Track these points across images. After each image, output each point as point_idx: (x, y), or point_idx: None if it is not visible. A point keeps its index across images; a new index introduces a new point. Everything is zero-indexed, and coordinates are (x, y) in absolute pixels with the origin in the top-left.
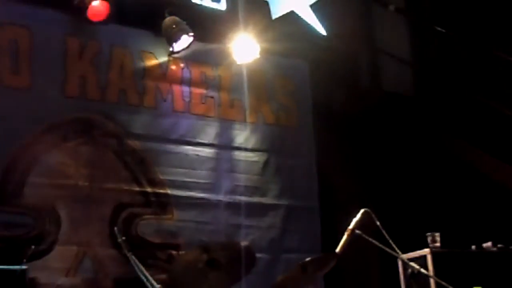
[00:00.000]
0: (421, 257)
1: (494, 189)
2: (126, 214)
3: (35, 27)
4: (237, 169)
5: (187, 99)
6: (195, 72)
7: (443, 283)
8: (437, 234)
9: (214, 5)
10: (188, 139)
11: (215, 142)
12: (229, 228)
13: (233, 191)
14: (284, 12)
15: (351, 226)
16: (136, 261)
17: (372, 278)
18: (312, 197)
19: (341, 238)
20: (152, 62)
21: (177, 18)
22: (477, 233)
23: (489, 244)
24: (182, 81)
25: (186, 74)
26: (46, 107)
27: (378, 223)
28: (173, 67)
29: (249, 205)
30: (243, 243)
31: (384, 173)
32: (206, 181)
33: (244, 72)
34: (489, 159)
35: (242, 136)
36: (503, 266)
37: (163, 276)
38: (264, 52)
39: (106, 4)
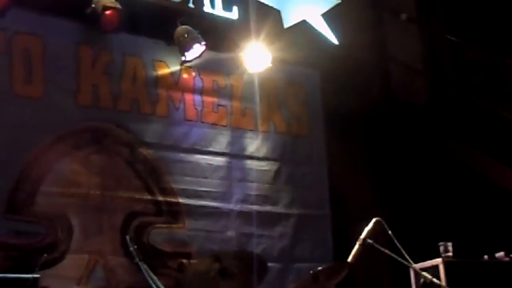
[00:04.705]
0: (433, 267)
1: (507, 199)
2: (137, 222)
3: (47, 36)
4: (249, 178)
5: (199, 108)
6: (207, 81)
7: None
8: (450, 243)
9: (226, 14)
10: (200, 147)
11: (226, 150)
12: (240, 237)
13: (244, 200)
14: (296, 21)
15: (363, 236)
16: (148, 269)
17: (384, 287)
18: (323, 206)
19: (353, 247)
20: (164, 71)
21: (189, 27)
22: (490, 243)
23: (501, 254)
24: (194, 90)
25: (198, 83)
26: (58, 116)
27: (390, 232)
28: (185, 76)
29: (260, 214)
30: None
31: (396, 182)
32: (218, 190)
33: (256, 80)
34: (503, 169)
35: (253, 145)
36: None
37: (174, 285)
38: (275, 61)
39: (118, 13)
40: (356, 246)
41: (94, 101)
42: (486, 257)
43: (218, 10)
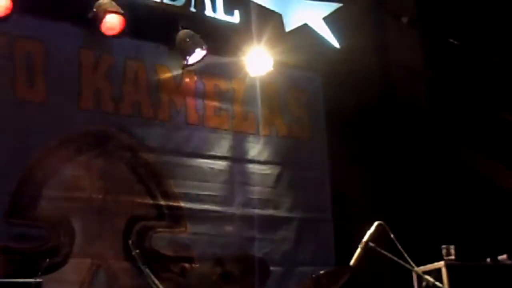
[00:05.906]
0: (435, 270)
1: (509, 202)
2: (139, 226)
3: (49, 40)
4: (251, 182)
5: (200, 112)
6: (208, 85)
7: None
8: (452, 246)
9: (227, 18)
10: (201, 152)
11: (228, 155)
12: (242, 241)
13: (246, 204)
14: (298, 25)
15: (365, 239)
16: (150, 274)
17: None
18: (325, 210)
19: (355, 251)
20: (166, 75)
21: (191, 32)
22: (492, 245)
23: (504, 256)
24: (196, 94)
25: (200, 87)
26: (60, 120)
27: (392, 235)
28: (187, 80)
29: (262, 218)
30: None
31: (398, 185)
32: (220, 194)
33: (258, 84)
34: (505, 171)
35: (255, 148)
36: None
37: None
38: (277, 64)
39: (120, 17)
40: (359, 250)
41: (96, 105)
42: (488, 260)
43: (220, 14)
